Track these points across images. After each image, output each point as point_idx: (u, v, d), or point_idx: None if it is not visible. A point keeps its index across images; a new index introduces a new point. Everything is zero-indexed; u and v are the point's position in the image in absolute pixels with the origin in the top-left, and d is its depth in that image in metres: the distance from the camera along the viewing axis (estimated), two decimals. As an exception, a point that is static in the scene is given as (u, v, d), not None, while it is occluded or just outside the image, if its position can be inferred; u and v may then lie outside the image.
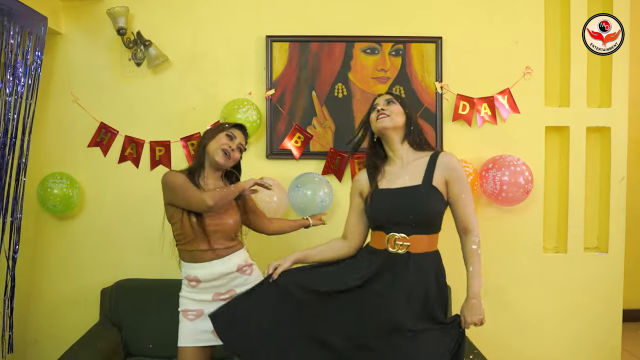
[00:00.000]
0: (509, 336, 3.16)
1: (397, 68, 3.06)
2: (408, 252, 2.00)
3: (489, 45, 3.09)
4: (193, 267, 2.24)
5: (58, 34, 3.04)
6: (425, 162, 2.09)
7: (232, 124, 2.35)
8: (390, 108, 2.15)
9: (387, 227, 2.04)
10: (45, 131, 3.08)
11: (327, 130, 3.06)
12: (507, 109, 3.08)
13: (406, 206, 2.01)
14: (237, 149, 2.30)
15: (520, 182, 2.86)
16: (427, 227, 2.03)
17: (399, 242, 2.01)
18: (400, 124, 2.14)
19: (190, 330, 2.24)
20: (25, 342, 3.15)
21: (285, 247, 3.06)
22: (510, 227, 3.14)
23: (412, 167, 2.10)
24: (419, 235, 2.01)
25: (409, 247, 2.00)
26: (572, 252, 3.16)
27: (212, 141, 2.27)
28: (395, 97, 2.22)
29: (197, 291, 2.25)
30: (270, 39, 3.03)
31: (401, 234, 2.01)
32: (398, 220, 2.02)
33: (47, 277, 3.13)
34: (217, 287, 2.26)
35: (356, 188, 2.23)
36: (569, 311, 3.16)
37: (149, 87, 3.07)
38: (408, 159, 2.13)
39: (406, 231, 2.00)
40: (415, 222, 2.00)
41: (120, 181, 3.07)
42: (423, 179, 2.04)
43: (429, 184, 2.03)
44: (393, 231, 2.02)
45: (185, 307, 2.27)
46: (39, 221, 3.11)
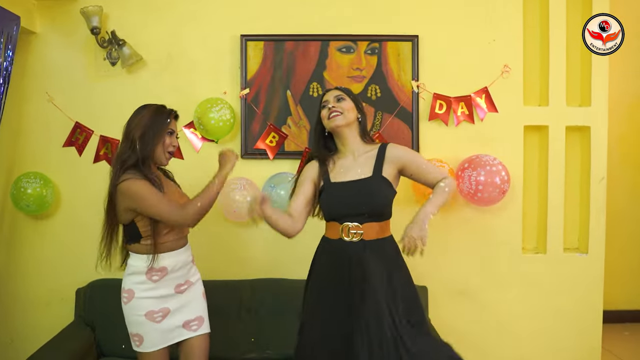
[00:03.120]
0: (486, 338, 3.13)
1: (372, 67, 3.04)
2: (362, 240, 2.08)
3: (466, 43, 3.06)
4: (162, 258, 2.19)
5: (33, 34, 3.03)
6: (374, 154, 2.17)
7: (169, 116, 2.26)
8: (342, 105, 2.19)
9: (341, 218, 2.11)
10: (20, 131, 3.07)
11: (302, 129, 3.04)
12: (484, 108, 3.05)
13: (359, 198, 2.09)
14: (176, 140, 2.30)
15: (496, 182, 2.83)
16: (379, 215, 2.12)
17: (352, 231, 2.09)
18: (353, 120, 2.20)
19: (160, 332, 2.19)
20: (1, 341, 3.15)
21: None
22: (488, 227, 3.11)
23: (363, 159, 2.18)
24: (371, 223, 2.09)
25: (362, 234, 2.08)
26: (551, 252, 3.13)
27: (159, 145, 2.21)
28: (344, 91, 2.25)
29: (158, 285, 2.19)
30: (245, 38, 3.01)
31: (354, 222, 2.08)
32: (352, 212, 2.10)
33: (22, 277, 3.13)
34: (178, 278, 2.25)
35: (309, 174, 2.25)
36: (548, 312, 3.13)
37: (124, 86, 3.05)
38: (359, 152, 2.20)
39: (359, 220, 2.08)
40: (369, 212, 2.09)
41: (96, 181, 3.03)
42: (373, 170, 2.13)
43: (379, 175, 2.12)
44: (346, 221, 2.09)
45: (149, 309, 2.17)
46: (13, 221, 3.11)
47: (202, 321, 2.32)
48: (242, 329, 2.81)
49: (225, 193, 2.88)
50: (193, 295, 2.32)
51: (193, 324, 2.28)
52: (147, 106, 2.27)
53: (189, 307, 2.28)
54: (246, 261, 3.07)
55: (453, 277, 3.11)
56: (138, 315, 2.17)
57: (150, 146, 2.17)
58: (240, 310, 2.86)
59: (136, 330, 2.19)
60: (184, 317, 2.26)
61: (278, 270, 3.04)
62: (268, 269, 3.05)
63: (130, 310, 2.18)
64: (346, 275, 2.06)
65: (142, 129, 2.18)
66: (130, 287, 2.18)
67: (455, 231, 3.10)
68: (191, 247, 2.39)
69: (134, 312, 2.17)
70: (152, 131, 2.19)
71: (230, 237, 3.07)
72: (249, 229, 3.08)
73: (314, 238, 3.02)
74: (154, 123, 2.21)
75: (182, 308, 2.26)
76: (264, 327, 2.82)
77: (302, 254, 3.05)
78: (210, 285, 2.85)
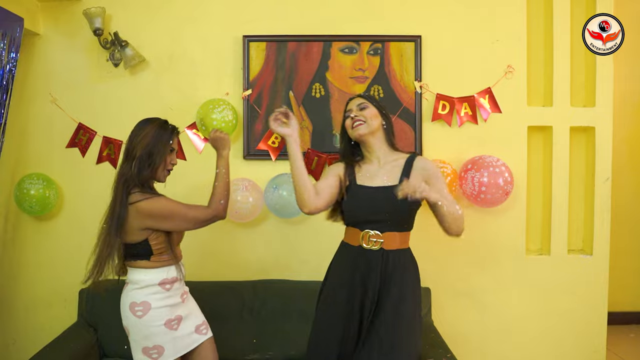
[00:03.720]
0: (490, 339, 3.11)
1: (375, 67, 3.02)
2: (382, 249, 2.06)
3: (469, 43, 3.05)
4: (172, 269, 2.20)
5: (36, 35, 3.04)
6: (402, 163, 2.15)
7: (171, 135, 2.21)
8: (364, 113, 2.17)
9: (362, 224, 2.10)
10: (23, 132, 3.08)
11: (304, 130, 3.03)
12: (488, 108, 3.03)
13: (383, 204, 2.06)
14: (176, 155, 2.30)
15: (499, 183, 2.81)
16: (400, 225, 2.09)
17: (372, 239, 2.06)
18: (377, 127, 2.18)
19: (178, 339, 2.18)
20: (5, 342, 3.16)
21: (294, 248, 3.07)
22: (492, 229, 3.09)
23: (390, 167, 2.15)
24: (392, 233, 2.07)
25: (382, 243, 2.06)
26: (555, 254, 3.10)
27: (162, 164, 2.19)
28: (367, 99, 2.22)
29: (170, 294, 2.19)
30: (247, 39, 3.00)
31: (375, 230, 2.06)
32: (374, 218, 2.08)
33: (25, 278, 3.14)
34: (182, 287, 2.27)
35: (336, 170, 2.23)
36: (552, 314, 3.10)
37: (126, 87, 3.06)
38: (386, 159, 2.18)
39: (380, 228, 2.06)
40: (391, 220, 2.06)
41: (99, 182, 3.04)
42: (400, 179, 2.08)
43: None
44: (367, 228, 2.07)
45: (167, 318, 2.15)
46: (17, 222, 3.12)
47: (207, 325, 2.34)
48: (244, 330, 2.80)
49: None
50: (192, 302, 2.35)
51: (202, 327, 2.30)
52: (149, 122, 2.21)
53: (194, 313, 2.30)
54: (248, 262, 3.07)
55: (456, 278, 3.10)
56: (157, 325, 2.14)
57: (153, 166, 2.14)
58: (242, 312, 2.84)
59: (155, 342, 2.14)
60: (194, 322, 2.27)
61: (280, 272, 3.04)
62: (270, 270, 3.05)
63: (147, 323, 2.13)
64: (368, 280, 2.06)
65: (145, 149, 2.13)
66: (144, 300, 2.13)
67: (458, 232, 3.08)
68: (194, 247, 2.40)
69: (152, 324, 2.13)
70: (155, 150, 2.14)
71: (233, 238, 3.06)
72: (251, 230, 3.08)
73: (316, 240, 3.05)
74: (158, 143, 2.16)
75: (190, 315, 2.27)
76: (266, 329, 2.81)
77: (305, 255, 3.07)
78: (212, 286, 2.87)
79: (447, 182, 2.81)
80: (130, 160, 2.13)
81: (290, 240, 3.08)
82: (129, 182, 2.11)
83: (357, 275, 2.07)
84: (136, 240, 2.13)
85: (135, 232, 2.12)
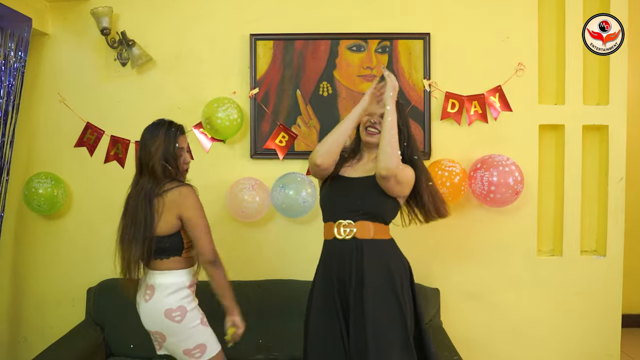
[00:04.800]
0: (499, 342, 3.06)
1: (383, 65, 2.99)
2: (355, 238, 2.05)
3: (479, 41, 3.00)
4: (189, 271, 2.22)
5: (45, 35, 3.06)
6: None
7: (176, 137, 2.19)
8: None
9: (335, 215, 2.11)
10: (32, 131, 3.11)
11: (312, 129, 3.01)
12: (498, 107, 2.98)
13: (351, 193, 2.10)
14: (188, 153, 2.28)
15: (509, 183, 2.76)
16: (374, 216, 2.08)
17: (345, 228, 2.07)
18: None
19: (213, 332, 2.23)
20: (16, 339, 3.19)
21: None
22: (502, 229, 3.04)
23: (372, 164, 2.17)
24: (365, 222, 2.06)
25: (355, 232, 2.05)
26: (567, 255, 3.04)
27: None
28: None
29: (193, 296, 2.23)
30: (254, 38, 2.99)
31: (348, 220, 2.06)
32: (344, 207, 2.09)
33: (35, 276, 3.16)
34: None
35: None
36: (564, 317, 3.04)
37: (134, 86, 3.06)
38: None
39: (353, 217, 2.07)
40: (363, 210, 2.06)
41: (106, 181, 3.07)
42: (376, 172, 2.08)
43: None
44: (340, 218, 2.08)
45: (200, 316, 2.20)
46: (27, 221, 3.15)
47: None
48: (249, 330, 2.76)
49: (234, 193, 2.87)
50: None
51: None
52: (157, 129, 2.19)
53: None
54: (254, 262, 3.05)
55: (465, 279, 3.05)
56: (194, 326, 2.17)
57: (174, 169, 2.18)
58: (248, 312, 2.82)
59: (198, 341, 2.16)
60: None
61: (286, 271, 3.02)
62: (276, 270, 3.03)
63: (186, 325, 2.15)
64: (341, 274, 2.06)
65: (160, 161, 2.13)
66: (180, 304, 2.13)
67: (468, 232, 3.03)
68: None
69: (191, 325, 2.15)
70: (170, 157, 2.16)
71: (238, 237, 3.05)
72: (257, 230, 3.07)
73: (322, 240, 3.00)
74: (168, 147, 2.15)
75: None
76: (271, 329, 2.79)
77: (311, 255, 3.01)
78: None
79: (456, 182, 2.78)
80: (149, 173, 2.13)
81: (297, 240, 3.06)
82: (151, 195, 2.11)
83: (332, 273, 2.08)
84: (169, 232, 2.13)
85: (169, 222, 2.12)
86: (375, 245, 2.06)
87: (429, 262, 3.02)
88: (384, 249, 2.10)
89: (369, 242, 2.05)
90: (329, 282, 2.10)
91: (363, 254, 2.04)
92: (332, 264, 2.10)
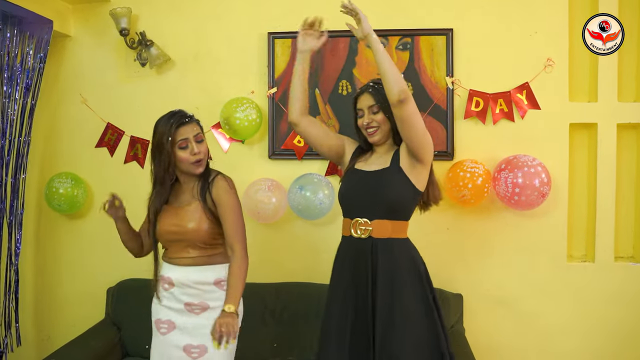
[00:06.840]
0: (526, 352, 2.91)
1: (404, 63, 2.90)
2: (370, 237, 2.03)
3: (505, 36, 2.86)
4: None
5: (67, 37, 3.10)
6: (395, 149, 2.15)
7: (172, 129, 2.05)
8: (377, 118, 2.13)
9: (353, 212, 2.08)
10: (54, 132, 3.16)
11: (331, 129, 2.94)
12: (525, 105, 2.84)
13: (371, 188, 2.06)
14: (199, 143, 2.10)
15: (535, 185, 2.62)
16: (391, 212, 2.04)
17: (361, 227, 2.04)
18: (388, 130, 2.14)
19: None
20: (39, 338, 3.25)
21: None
22: (530, 233, 2.89)
23: (386, 152, 2.16)
24: (381, 220, 2.03)
25: (371, 231, 2.02)
26: (600, 261, 2.87)
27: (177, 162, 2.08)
28: (374, 97, 2.13)
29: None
30: (272, 36, 2.94)
31: (364, 218, 2.04)
32: (362, 203, 2.06)
33: (59, 276, 3.22)
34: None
35: (347, 140, 2.33)
36: (595, 326, 2.87)
37: (153, 87, 3.07)
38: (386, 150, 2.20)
39: (369, 215, 2.03)
40: (379, 205, 2.03)
41: (126, 181, 3.08)
42: (391, 161, 2.09)
43: (396, 165, 2.06)
44: (357, 216, 2.05)
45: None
46: (49, 221, 3.20)
47: None
48: (265, 333, 2.75)
49: (249, 195, 2.83)
50: None
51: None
52: (160, 119, 2.15)
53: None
54: (272, 264, 3.00)
55: (491, 284, 2.92)
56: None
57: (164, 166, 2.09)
58: (264, 315, 2.79)
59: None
60: None
61: (306, 275, 2.95)
62: (294, 272, 2.97)
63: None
64: (356, 274, 2.04)
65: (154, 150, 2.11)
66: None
67: (493, 236, 2.90)
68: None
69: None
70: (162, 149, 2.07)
71: (255, 239, 2.98)
72: (275, 231, 3.02)
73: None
74: (161, 138, 2.07)
75: None
76: (287, 332, 2.74)
77: (330, 257, 2.97)
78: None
79: (478, 184, 2.67)
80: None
81: (316, 243, 2.99)
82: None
83: (346, 271, 2.06)
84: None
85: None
86: (391, 244, 2.03)
87: (452, 266, 2.90)
88: (399, 248, 2.06)
89: (384, 242, 2.03)
90: (344, 279, 2.09)
91: (377, 254, 2.01)
92: (347, 261, 2.10)
